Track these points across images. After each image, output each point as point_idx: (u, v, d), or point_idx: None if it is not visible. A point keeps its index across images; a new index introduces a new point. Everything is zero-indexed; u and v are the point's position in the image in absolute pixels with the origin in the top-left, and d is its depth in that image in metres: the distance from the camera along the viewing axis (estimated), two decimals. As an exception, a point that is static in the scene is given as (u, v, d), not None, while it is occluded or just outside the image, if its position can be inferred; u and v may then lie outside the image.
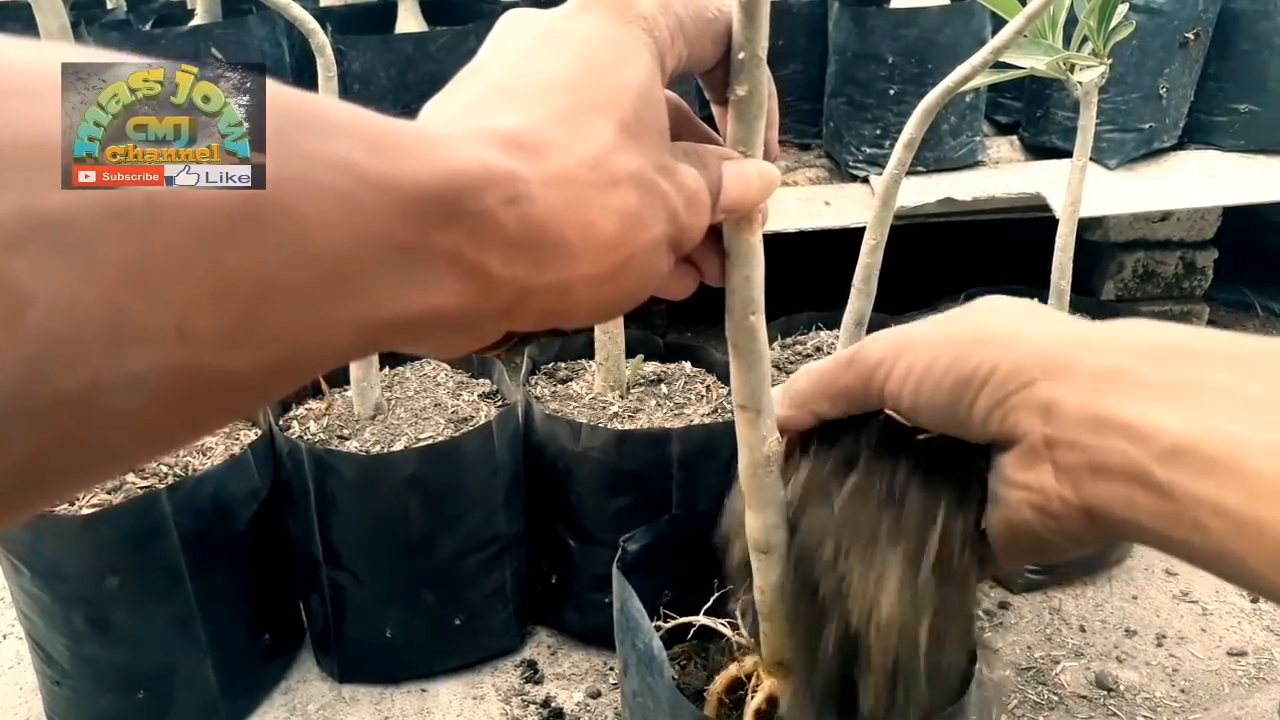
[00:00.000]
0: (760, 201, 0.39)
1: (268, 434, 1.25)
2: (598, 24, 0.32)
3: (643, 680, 0.84)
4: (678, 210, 0.33)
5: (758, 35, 0.40)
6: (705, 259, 0.42)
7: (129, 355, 0.19)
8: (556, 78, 0.30)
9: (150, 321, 0.19)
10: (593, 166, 0.29)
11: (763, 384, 0.56)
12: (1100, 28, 1.25)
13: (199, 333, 0.20)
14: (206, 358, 0.20)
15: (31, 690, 1.31)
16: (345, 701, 1.31)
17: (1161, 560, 1.55)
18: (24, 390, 0.17)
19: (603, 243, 0.29)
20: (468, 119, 0.29)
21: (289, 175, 0.21)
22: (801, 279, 1.90)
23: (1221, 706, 1.28)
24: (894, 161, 1.22)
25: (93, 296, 0.18)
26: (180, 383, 0.20)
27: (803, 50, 2.00)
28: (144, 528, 1.10)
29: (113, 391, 0.19)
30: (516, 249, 0.27)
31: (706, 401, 1.35)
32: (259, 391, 0.22)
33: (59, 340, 0.17)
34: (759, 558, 0.73)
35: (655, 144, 0.32)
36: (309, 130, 0.22)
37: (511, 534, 1.30)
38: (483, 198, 0.26)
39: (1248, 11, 1.87)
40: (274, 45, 1.88)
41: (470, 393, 1.38)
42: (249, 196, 0.20)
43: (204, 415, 0.22)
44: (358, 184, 0.22)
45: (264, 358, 0.21)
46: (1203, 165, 1.94)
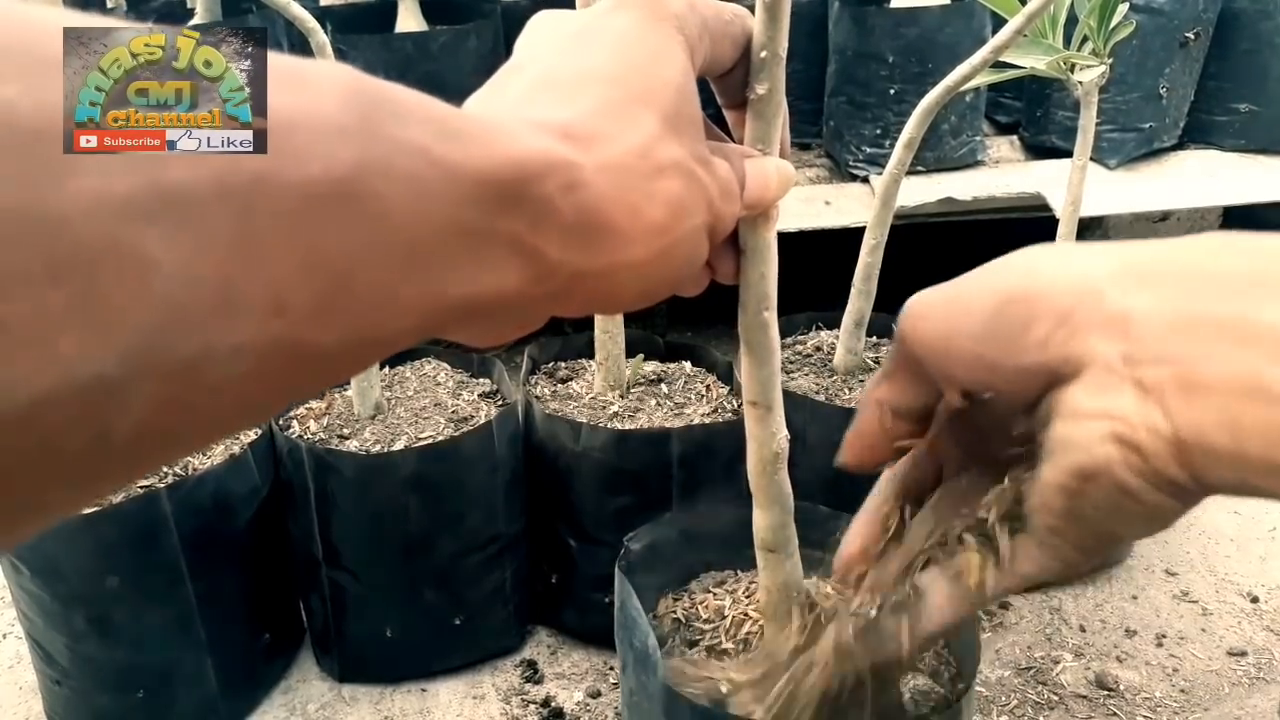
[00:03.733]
0: (779, 198, 0.41)
1: (268, 433, 1.25)
2: (633, 22, 0.33)
3: (639, 679, 0.84)
4: (714, 199, 0.34)
5: (779, 35, 0.42)
6: (719, 257, 0.43)
7: (235, 325, 0.20)
8: (598, 73, 0.31)
9: (253, 294, 0.20)
10: (640, 155, 0.30)
11: (773, 380, 0.56)
12: (1100, 27, 1.25)
13: (294, 307, 0.21)
14: (299, 331, 0.21)
15: (31, 689, 1.31)
16: (345, 701, 1.31)
17: (1161, 560, 1.55)
18: (148, 353, 0.18)
19: (651, 227, 0.31)
20: (519, 111, 0.30)
21: (371, 160, 0.22)
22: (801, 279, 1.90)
23: (1221, 706, 1.27)
24: (894, 161, 1.22)
25: (207, 267, 0.19)
26: (276, 354, 0.21)
27: (803, 50, 2.00)
28: (144, 527, 1.10)
29: (221, 358, 0.20)
30: (572, 234, 0.28)
31: (706, 401, 1.35)
32: (340, 366, 0.24)
33: (179, 307, 0.19)
34: (765, 556, 0.73)
35: (693, 136, 0.33)
36: (386, 115, 0.23)
37: (511, 533, 1.30)
38: (544, 184, 0.27)
39: (1248, 11, 1.87)
40: (274, 44, 1.87)
41: (470, 392, 1.38)
42: (338, 178, 0.21)
43: (294, 386, 0.23)
44: (431, 169, 0.23)
45: (346, 334, 0.22)
46: (1203, 165, 1.95)
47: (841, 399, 1.32)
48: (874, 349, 1.45)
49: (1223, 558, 1.55)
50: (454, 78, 1.76)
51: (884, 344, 1.48)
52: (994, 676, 1.32)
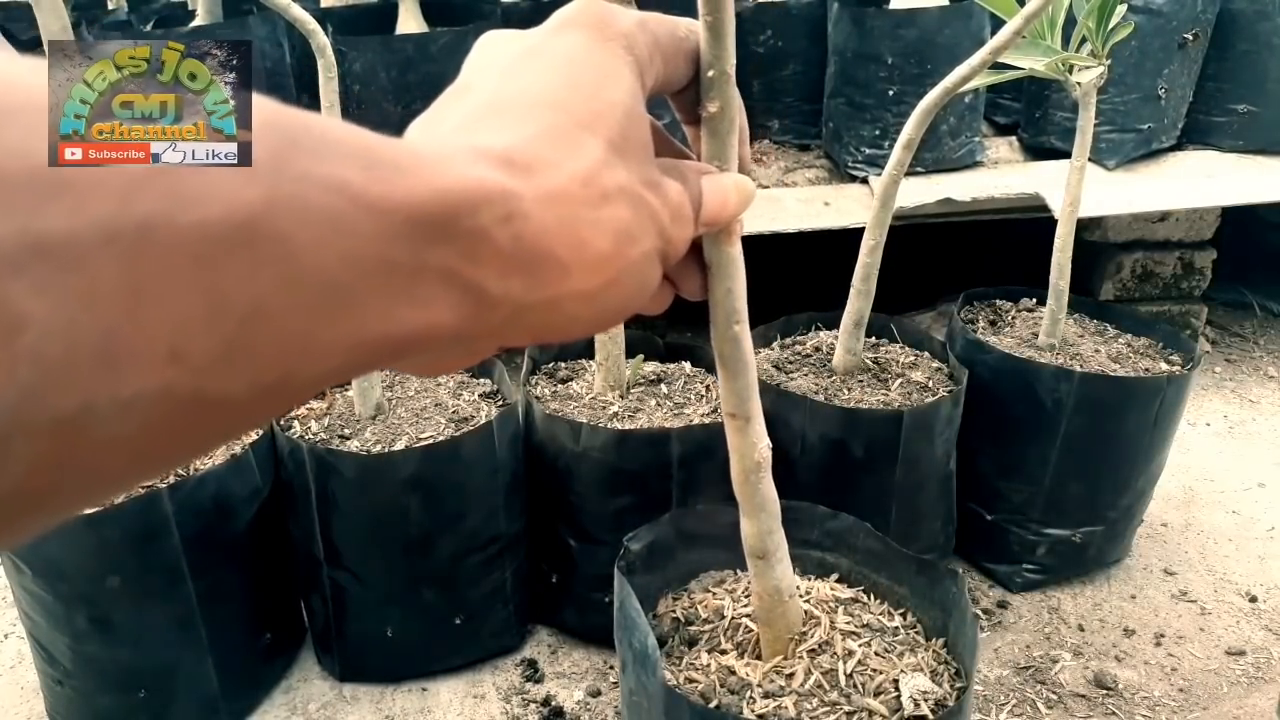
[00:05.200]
0: (739, 214, 0.40)
1: (269, 434, 1.26)
2: (580, 42, 0.32)
3: (638, 678, 0.84)
4: (665, 224, 0.33)
5: (725, 53, 0.41)
6: (683, 275, 0.42)
7: (120, 378, 0.18)
8: (543, 96, 0.31)
9: (143, 344, 0.19)
10: (584, 183, 0.29)
11: (749, 391, 0.56)
12: (1099, 28, 1.26)
13: (191, 355, 0.20)
14: (199, 380, 0.20)
15: (33, 689, 1.31)
16: (346, 700, 1.31)
17: (1160, 559, 1.55)
18: (19, 411, 0.17)
19: (596, 258, 0.30)
20: (457, 138, 0.29)
21: (282, 197, 0.21)
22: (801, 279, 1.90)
23: (1220, 706, 1.28)
24: (893, 162, 1.22)
25: (87, 319, 0.18)
26: (173, 405, 0.20)
27: (803, 50, 2.01)
28: (145, 527, 1.10)
29: (105, 413, 0.18)
30: (511, 266, 0.27)
31: (706, 401, 1.35)
32: (252, 413, 0.22)
33: (53, 362, 0.17)
34: (755, 563, 0.74)
35: (641, 160, 0.32)
36: (302, 151, 0.22)
37: (512, 533, 1.31)
38: (477, 215, 0.26)
39: (1246, 12, 1.87)
40: (275, 45, 1.89)
41: (471, 393, 1.38)
42: (241, 221, 0.20)
43: (198, 438, 0.22)
44: (351, 205, 0.22)
45: (256, 380, 0.21)
46: (1201, 165, 1.95)
47: (841, 399, 1.32)
48: (873, 349, 1.46)
49: (1221, 557, 1.56)
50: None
51: (883, 344, 1.49)
52: (993, 676, 1.32)
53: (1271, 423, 1.96)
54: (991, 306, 1.64)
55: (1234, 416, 1.98)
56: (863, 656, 0.82)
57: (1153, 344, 1.52)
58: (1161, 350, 1.51)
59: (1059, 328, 1.45)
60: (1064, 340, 1.47)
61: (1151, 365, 1.46)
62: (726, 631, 0.87)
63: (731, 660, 0.83)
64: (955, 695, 0.80)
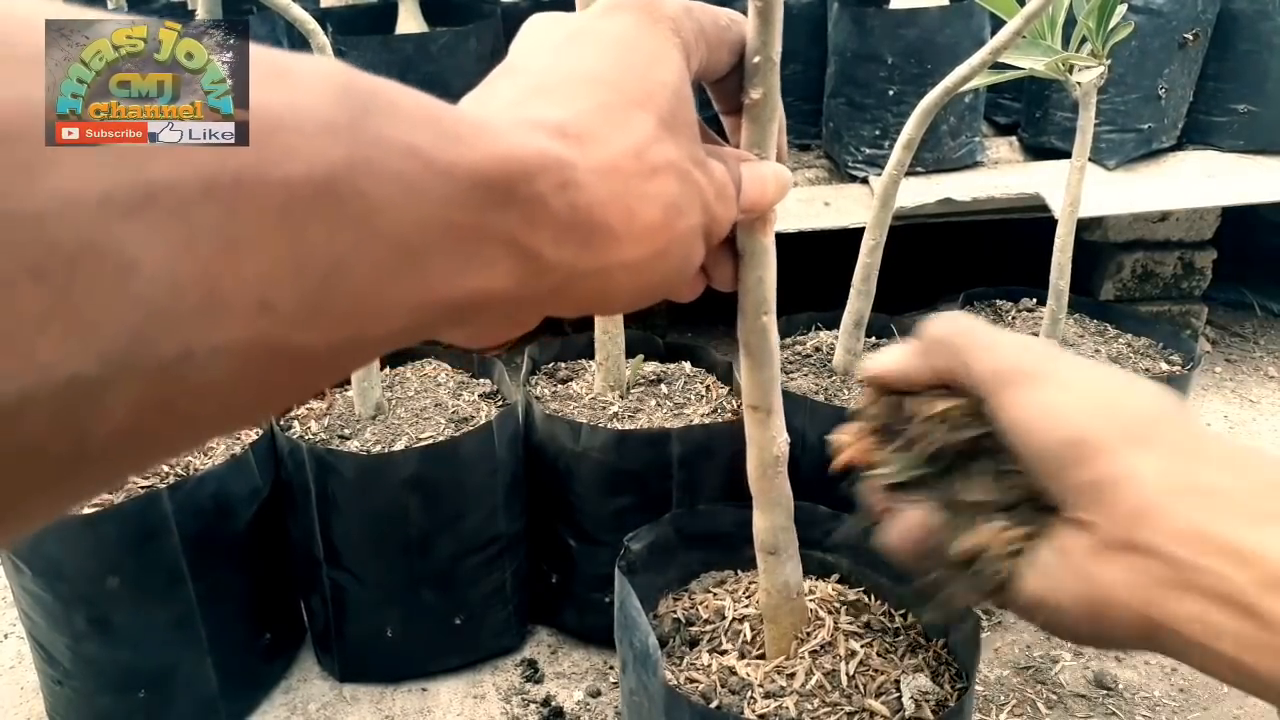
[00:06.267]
0: (776, 202, 0.41)
1: (269, 434, 1.26)
2: (630, 24, 0.33)
3: (639, 678, 0.84)
4: (710, 201, 0.34)
5: (773, 39, 0.42)
6: (715, 263, 0.43)
7: (218, 326, 0.19)
8: (595, 74, 0.31)
9: (237, 293, 0.19)
10: (635, 156, 0.30)
11: (773, 384, 0.56)
12: (1099, 28, 1.26)
13: (279, 307, 0.20)
14: (285, 332, 0.21)
15: (33, 690, 1.31)
16: (346, 701, 1.31)
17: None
18: (127, 354, 0.18)
19: (645, 228, 0.31)
20: (511, 112, 0.30)
21: (360, 159, 0.22)
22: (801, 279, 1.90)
23: (1220, 705, 1.27)
24: (893, 162, 1.22)
25: (189, 266, 0.18)
26: (261, 355, 0.20)
27: (803, 50, 2.01)
28: (145, 527, 1.10)
29: (203, 360, 0.19)
30: (565, 233, 0.28)
31: (706, 401, 1.35)
32: (329, 368, 0.23)
33: (159, 307, 0.18)
34: (765, 558, 0.73)
35: (689, 138, 0.33)
36: (376, 115, 0.23)
37: (511, 534, 1.31)
38: (536, 183, 0.27)
39: (1247, 12, 1.87)
40: (274, 45, 1.88)
41: (470, 393, 1.38)
42: (324, 179, 0.21)
43: (280, 390, 0.22)
44: (422, 168, 0.23)
45: (333, 335, 0.22)
46: (1202, 165, 1.95)
47: (841, 399, 1.32)
48: (873, 349, 1.45)
49: (1223, 557, 1.55)
50: (454, 79, 1.76)
51: (883, 344, 1.49)
52: (993, 676, 1.32)
53: (1272, 423, 1.95)
54: (992, 306, 1.64)
55: (1234, 416, 1.98)
56: (864, 657, 0.82)
57: (1153, 344, 1.52)
58: (1162, 350, 1.51)
59: (1059, 328, 1.45)
60: (1064, 340, 1.47)
61: (1152, 365, 1.45)
62: (727, 632, 0.87)
63: (732, 660, 0.83)
64: (956, 696, 0.80)
